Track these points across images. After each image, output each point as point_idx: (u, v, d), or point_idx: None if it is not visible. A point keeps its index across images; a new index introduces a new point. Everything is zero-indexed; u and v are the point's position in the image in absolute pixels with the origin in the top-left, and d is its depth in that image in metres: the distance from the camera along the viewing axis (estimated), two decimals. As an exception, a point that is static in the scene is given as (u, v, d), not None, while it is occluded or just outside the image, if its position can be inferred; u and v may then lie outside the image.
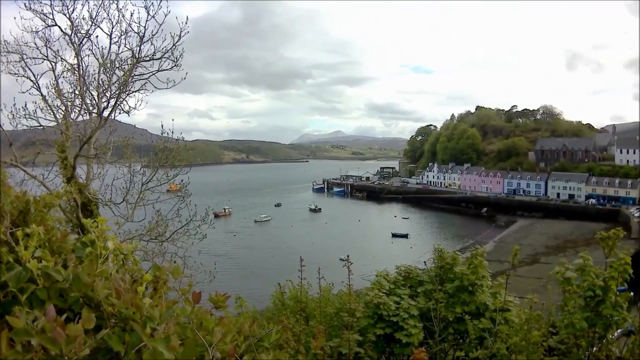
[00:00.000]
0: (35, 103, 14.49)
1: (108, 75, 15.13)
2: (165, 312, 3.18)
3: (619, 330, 7.82)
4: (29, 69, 14.81)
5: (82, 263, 3.58)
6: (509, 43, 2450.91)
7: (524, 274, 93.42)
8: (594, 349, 7.60)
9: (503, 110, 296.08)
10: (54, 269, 3.23)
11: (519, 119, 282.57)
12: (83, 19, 14.77)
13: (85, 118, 15.34)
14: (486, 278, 10.63)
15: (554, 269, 7.95)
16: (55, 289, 3.20)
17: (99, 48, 15.06)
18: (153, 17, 14.68)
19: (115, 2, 14.82)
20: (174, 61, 15.19)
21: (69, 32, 14.78)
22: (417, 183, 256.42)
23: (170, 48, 15.02)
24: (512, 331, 9.08)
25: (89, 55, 15.10)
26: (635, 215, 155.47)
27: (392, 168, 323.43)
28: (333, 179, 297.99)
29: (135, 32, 14.83)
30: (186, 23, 14.89)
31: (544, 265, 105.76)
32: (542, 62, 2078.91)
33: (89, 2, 14.75)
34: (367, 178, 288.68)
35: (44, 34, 14.82)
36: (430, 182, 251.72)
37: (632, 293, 8.04)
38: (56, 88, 14.81)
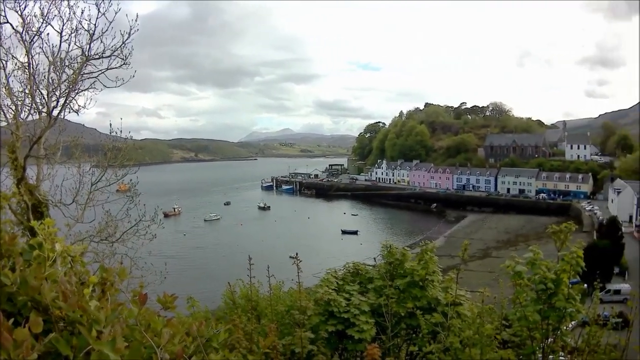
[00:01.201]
0: (-15, 103, 14.23)
1: (58, 73, 14.92)
2: (111, 315, 3.17)
3: (573, 322, 7.95)
4: (-21, 67, 14.53)
5: (30, 266, 3.54)
6: (459, 40, 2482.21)
7: (475, 268, 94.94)
8: (549, 340, 7.72)
9: (452, 107, 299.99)
10: (2, 272, 3.20)
11: (468, 116, 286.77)
12: (35, 16, 14.54)
13: (35, 118, 15.11)
14: (437, 273, 10.72)
15: (505, 262, 8.06)
16: (3, 293, 3.16)
17: (49, 46, 14.84)
18: (103, 14, 14.53)
19: (67, -1, 14.63)
20: (123, 59, 15.04)
21: (20, 29, 14.54)
22: (366, 180, 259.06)
23: (120, 46, 14.88)
24: (465, 325, 9.15)
25: (39, 54, 14.86)
26: (587, 209, 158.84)
27: (341, 165, 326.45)
28: (282, 176, 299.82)
29: (86, 30, 14.65)
30: (136, 20, 14.78)
31: (495, 259, 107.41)
32: (494, 60, 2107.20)
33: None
34: (316, 175, 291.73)
35: (-4, 32, 14.55)
36: (379, 178, 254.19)
37: (585, 285, 8.19)
38: (6, 87, 14.56)
